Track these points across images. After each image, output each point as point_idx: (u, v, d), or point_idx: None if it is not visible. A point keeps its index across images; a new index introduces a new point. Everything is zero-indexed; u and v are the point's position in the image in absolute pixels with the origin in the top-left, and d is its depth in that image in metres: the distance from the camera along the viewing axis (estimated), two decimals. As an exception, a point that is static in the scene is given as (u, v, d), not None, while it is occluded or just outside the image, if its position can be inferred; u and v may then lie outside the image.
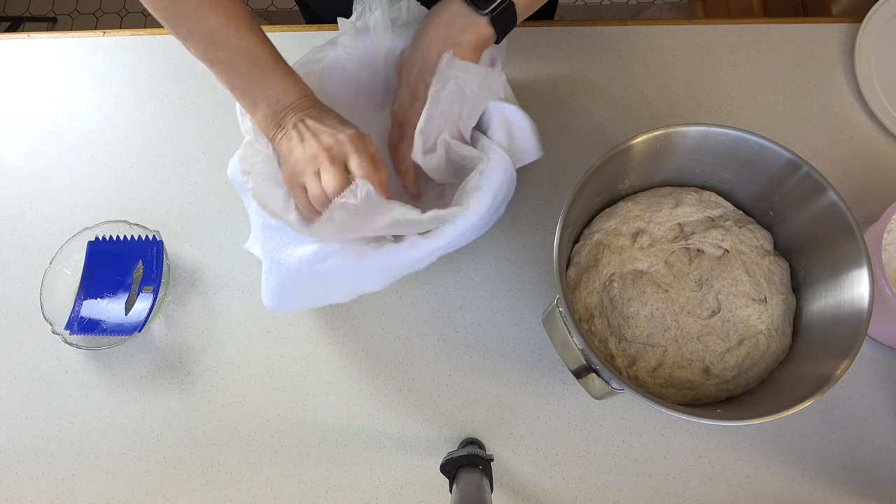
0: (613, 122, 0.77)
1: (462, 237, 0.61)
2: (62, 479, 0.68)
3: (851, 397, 0.66)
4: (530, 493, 0.65)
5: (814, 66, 0.78)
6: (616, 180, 0.65)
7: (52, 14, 2.03)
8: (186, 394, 0.70)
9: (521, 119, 0.64)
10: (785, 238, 0.64)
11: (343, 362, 0.70)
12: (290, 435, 0.68)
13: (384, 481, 0.66)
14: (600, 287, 0.63)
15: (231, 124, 0.79)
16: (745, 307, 0.61)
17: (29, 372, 0.71)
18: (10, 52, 0.84)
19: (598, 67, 0.79)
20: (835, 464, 0.65)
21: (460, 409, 0.68)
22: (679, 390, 0.60)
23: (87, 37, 0.84)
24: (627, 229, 0.65)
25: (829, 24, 0.79)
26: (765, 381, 0.61)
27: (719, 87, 0.78)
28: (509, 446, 0.66)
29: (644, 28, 0.80)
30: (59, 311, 0.70)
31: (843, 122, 0.75)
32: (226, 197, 0.76)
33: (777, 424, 0.66)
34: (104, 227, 0.72)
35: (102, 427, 0.69)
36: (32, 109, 0.81)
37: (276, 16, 1.99)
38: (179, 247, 0.75)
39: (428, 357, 0.70)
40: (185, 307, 0.72)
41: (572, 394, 0.68)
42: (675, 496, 0.64)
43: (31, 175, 0.78)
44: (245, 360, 0.70)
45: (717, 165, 0.63)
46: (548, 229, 0.73)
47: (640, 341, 0.61)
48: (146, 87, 0.81)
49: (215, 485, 0.67)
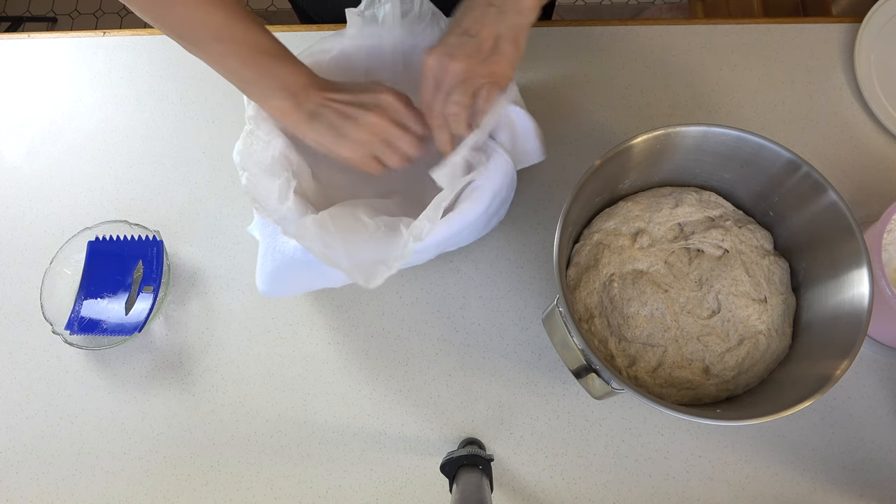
0: (613, 122, 0.77)
1: (459, 235, 0.61)
2: (62, 479, 0.68)
3: (851, 397, 0.66)
4: (530, 493, 0.65)
5: (814, 66, 0.78)
6: (616, 180, 0.65)
7: (52, 14, 2.03)
8: (186, 394, 0.70)
9: (525, 121, 0.63)
10: (785, 238, 0.64)
11: (343, 362, 0.70)
12: (290, 435, 0.68)
13: (384, 481, 0.66)
14: (600, 287, 0.63)
15: (231, 124, 0.79)
16: (745, 307, 0.61)
17: (29, 372, 0.71)
18: (10, 52, 0.84)
19: (598, 67, 0.79)
20: (835, 464, 0.65)
21: (460, 409, 0.68)
22: (679, 390, 0.60)
23: (87, 37, 0.84)
24: (627, 229, 0.65)
25: (829, 24, 0.79)
26: (765, 381, 0.61)
27: (719, 87, 0.78)
28: (509, 446, 0.66)
29: (644, 28, 0.80)
30: (59, 311, 0.70)
31: (843, 122, 0.75)
32: (226, 197, 0.76)
33: (777, 424, 0.66)
34: (104, 227, 0.72)
35: (102, 427, 0.69)
36: (32, 109, 0.81)
37: (276, 16, 1.99)
38: (179, 247, 0.75)
39: (428, 357, 0.70)
40: (185, 307, 0.72)
41: (572, 394, 0.68)
42: (675, 496, 0.65)
43: (31, 175, 0.78)
44: (245, 360, 0.70)
45: (717, 165, 0.63)
46: (548, 229, 0.73)
47: (640, 341, 0.61)
48: (146, 87, 0.81)
49: (215, 485, 0.67)
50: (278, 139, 0.62)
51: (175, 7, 0.56)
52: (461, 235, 0.61)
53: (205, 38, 0.58)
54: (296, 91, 0.60)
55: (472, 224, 0.60)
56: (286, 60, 0.60)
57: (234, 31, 0.57)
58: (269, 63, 0.59)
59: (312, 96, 0.60)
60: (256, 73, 0.59)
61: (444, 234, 0.59)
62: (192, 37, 0.58)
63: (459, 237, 0.61)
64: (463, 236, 0.63)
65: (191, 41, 0.58)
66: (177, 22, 0.57)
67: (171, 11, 0.56)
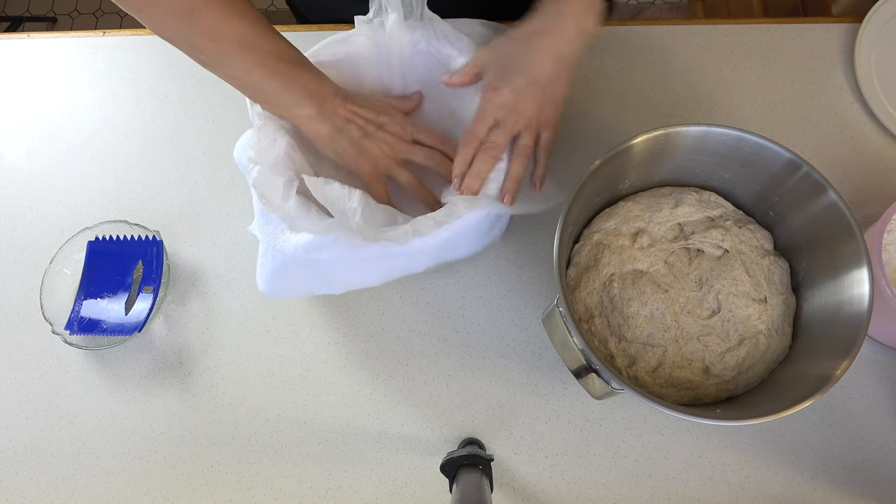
0: (613, 122, 0.77)
1: (456, 240, 0.60)
2: (62, 479, 0.68)
3: (851, 397, 0.66)
4: (530, 493, 0.65)
5: (814, 66, 0.78)
6: (616, 180, 0.65)
7: (52, 14, 2.03)
8: (186, 394, 0.70)
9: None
10: (785, 238, 0.64)
11: (343, 362, 0.70)
12: (290, 435, 0.68)
13: (384, 481, 0.66)
14: (600, 287, 0.63)
15: (231, 124, 0.79)
16: (745, 307, 0.61)
17: (29, 372, 0.71)
18: (10, 52, 0.84)
19: (598, 67, 0.79)
20: (835, 464, 0.65)
21: (460, 409, 0.68)
22: (679, 390, 0.60)
23: (87, 37, 0.84)
24: (627, 229, 0.65)
25: (829, 24, 0.79)
26: (765, 381, 0.61)
27: (719, 87, 0.78)
28: (509, 446, 0.66)
29: (644, 28, 0.80)
30: (59, 311, 0.70)
31: (843, 122, 0.75)
32: (226, 197, 0.76)
33: (777, 424, 0.66)
34: (104, 227, 0.72)
35: (102, 427, 0.69)
36: (32, 109, 0.81)
37: (276, 16, 1.99)
38: (179, 247, 0.75)
39: (428, 357, 0.70)
40: (185, 307, 0.72)
41: (572, 394, 0.68)
42: (675, 496, 0.65)
43: (31, 175, 0.78)
44: (245, 360, 0.70)
45: (717, 165, 0.63)
46: (548, 229, 0.73)
47: (640, 341, 0.61)
48: (146, 87, 0.81)
49: (215, 485, 0.67)
50: (283, 138, 0.62)
51: (199, 21, 0.55)
52: (459, 241, 0.61)
53: (227, 50, 0.57)
54: (321, 100, 0.60)
55: (471, 228, 0.60)
56: (307, 67, 0.60)
57: (256, 41, 0.57)
58: (292, 71, 0.59)
59: (338, 108, 0.61)
60: (281, 82, 0.59)
61: (442, 237, 0.58)
62: (214, 49, 0.57)
63: (457, 243, 0.61)
64: (461, 243, 0.63)
65: (212, 54, 0.57)
66: (200, 36, 0.56)
67: (195, 25, 0.55)
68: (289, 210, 0.59)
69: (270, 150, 0.61)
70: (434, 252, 0.62)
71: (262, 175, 0.60)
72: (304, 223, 0.57)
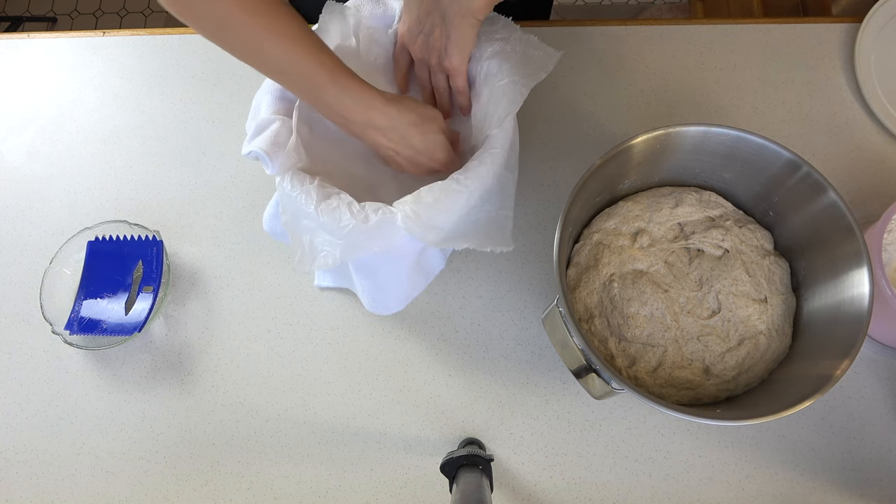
0: (613, 122, 0.77)
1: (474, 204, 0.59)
2: (62, 479, 0.68)
3: (851, 397, 0.66)
4: (530, 493, 0.65)
5: (814, 66, 0.78)
6: (616, 180, 0.65)
7: (52, 14, 2.03)
8: (186, 394, 0.70)
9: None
10: (785, 238, 0.64)
11: (343, 362, 0.70)
12: (290, 435, 0.68)
13: (384, 481, 0.66)
14: (600, 287, 0.63)
15: (231, 124, 0.79)
16: (746, 307, 0.61)
17: (29, 372, 0.71)
18: (10, 52, 0.84)
19: (598, 67, 0.79)
20: (835, 464, 0.65)
21: (460, 409, 0.68)
22: (679, 390, 0.60)
23: (86, 37, 0.84)
24: (627, 229, 0.65)
25: (829, 24, 0.79)
26: (765, 381, 0.60)
27: (719, 87, 0.78)
28: (509, 446, 0.66)
29: (644, 28, 0.80)
30: (59, 311, 0.70)
31: (843, 122, 0.75)
32: (226, 197, 0.76)
33: (777, 424, 0.66)
34: (104, 227, 0.72)
35: (102, 427, 0.69)
36: (32, 109, 0.81)
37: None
38: (179, 247, 0.75)
39: (428, 357, 0.70)
40: (185, 307, 0.72)
41: (572, 394, 0.68)
42: (675, 496, 0.64)
43: (31, 175, 0.78)
44: (245, 360, 0.70)
45: (717, 165, 0.63)
46: (548, 229, 0.73)
47: (640, 341, 0.61)
48: (146, 87, 0.81)
49: (215, 485, 0.67)
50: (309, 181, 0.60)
51: (264, 50, 0.55)
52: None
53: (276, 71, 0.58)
54: (392, 100, 0.60)
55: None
56: (350, 76, 0.59)
57: (308, 51, 0.57)
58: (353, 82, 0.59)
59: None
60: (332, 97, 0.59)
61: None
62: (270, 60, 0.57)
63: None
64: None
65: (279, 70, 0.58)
66: (240, 51, 0.56)
67: (266, 52, 0.55)
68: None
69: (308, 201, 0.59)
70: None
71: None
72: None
